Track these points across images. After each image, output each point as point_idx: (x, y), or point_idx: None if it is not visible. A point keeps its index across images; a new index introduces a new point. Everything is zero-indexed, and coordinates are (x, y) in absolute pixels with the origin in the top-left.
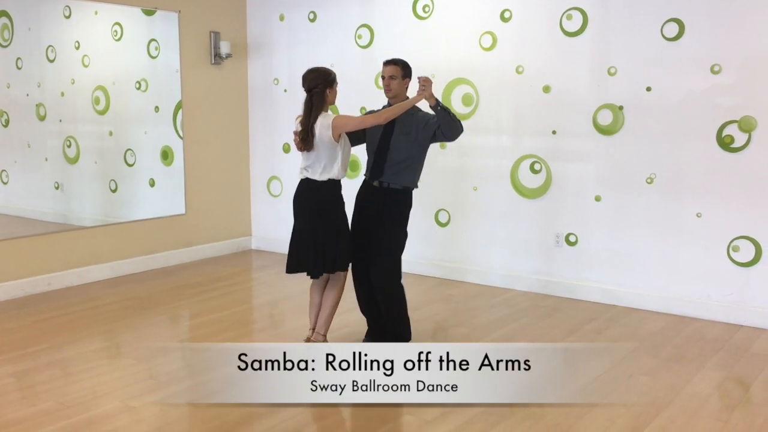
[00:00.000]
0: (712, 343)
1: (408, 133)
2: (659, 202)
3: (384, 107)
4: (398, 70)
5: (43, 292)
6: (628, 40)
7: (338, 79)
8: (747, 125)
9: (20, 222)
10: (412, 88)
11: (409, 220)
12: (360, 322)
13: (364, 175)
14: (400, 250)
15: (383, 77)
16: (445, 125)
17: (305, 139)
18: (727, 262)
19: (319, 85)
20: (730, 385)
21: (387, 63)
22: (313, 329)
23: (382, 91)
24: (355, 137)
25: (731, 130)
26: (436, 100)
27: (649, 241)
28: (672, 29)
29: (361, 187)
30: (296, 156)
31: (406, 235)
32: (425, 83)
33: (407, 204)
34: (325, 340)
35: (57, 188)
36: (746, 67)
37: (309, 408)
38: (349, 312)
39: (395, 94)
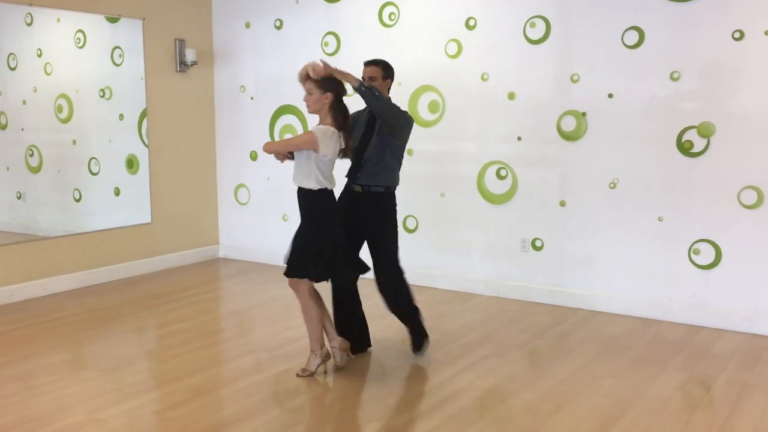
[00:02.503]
0: (675, 345)
1: (379, 134)
2: (622, 206)
3: (365, 110)
4: (379, 70)
5: (5, 303)
6: (590, 48)
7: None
8: (705, 131)
9: None
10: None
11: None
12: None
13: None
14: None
15: (363, 78)
16: (372, 106)
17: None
18: (689, 264)
19: None
20: (691, 385)
21: (367, 64)
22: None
23: (352, 98)
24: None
25: (690, 135)
26: (358, 80)
27: (612, 245)
28: (632, 37)
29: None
30: (262, 164)
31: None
32: (328, 70)
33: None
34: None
35: (19, 198)
36: (704, 73)
37: (279, 416)
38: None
39: None
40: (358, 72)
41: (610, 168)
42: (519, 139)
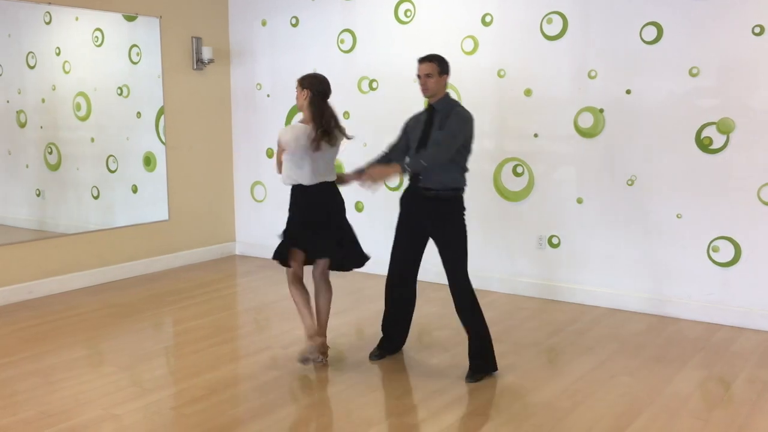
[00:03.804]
0: (693, 343)
1: (439, 131)
2: (640, 203)
3: (424, 111)
4: (434, 67)
5: (24, 300)
6: (607, 44)
7: None
8: (725, 127)
9: (1, 230)
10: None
11: (394, 224)
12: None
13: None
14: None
15: (419, 76)
16: (433, 166)
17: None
18: (707, 262)
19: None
20: (710, 384)
21: (422, 60)
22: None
23: (368, 95)
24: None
25: (710, 131)
26: (399, 167)
27: (630, 243)
28: (650, 33)
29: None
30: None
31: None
32: (371, 183)
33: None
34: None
35: (38, 195)
36: (724, 69)
37: (295, 413)
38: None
39: (433, 93)
40: (365, 67)
41: (627, 165)
42: (536, 135)
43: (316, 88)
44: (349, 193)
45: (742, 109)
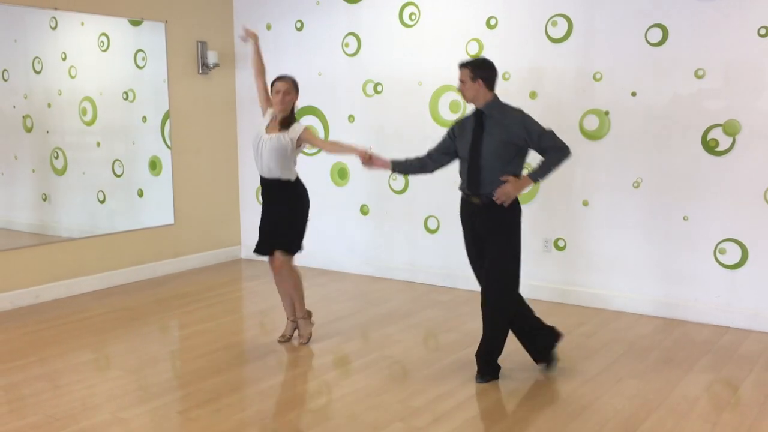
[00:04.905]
0: (701, 346)
1: (491, 135)
2: (646, 205)
3: (471, 116)
4: (466, 72)
5: (31, 304)
6: (612, 46)
7: (327, 86)
8: (731, 129)
9: (7, 234)
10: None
11: (400, 227)
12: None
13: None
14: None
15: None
16: (555, 169)
17: None
18: (714, 264)
19: None
20: (718, 387)
21: (459, 66)
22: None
23: (372, 98)
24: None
25: (716, 133)
26: (529, 180)
27: (636, 245)
28: (656, 35)
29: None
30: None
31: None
32: (504, 197)
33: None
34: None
35: (45, 200)
36: (729, 71)
37: (301, 416)
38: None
39: (471, 99)
40: (370, 70)
41: (633, 167)
42: None
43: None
44: (354, 197)
45: (748, 110)
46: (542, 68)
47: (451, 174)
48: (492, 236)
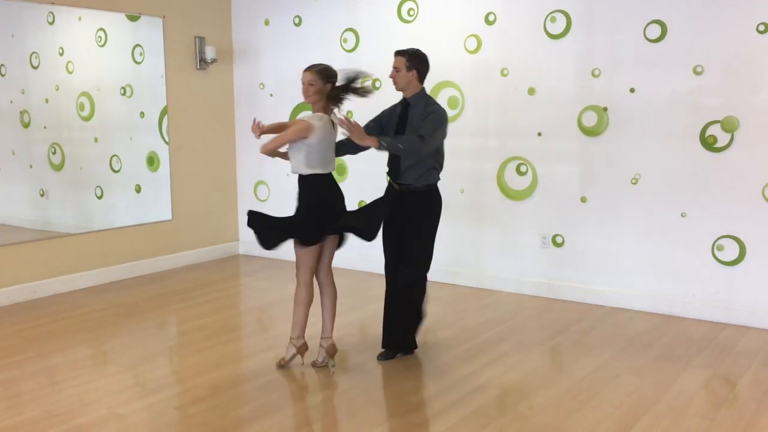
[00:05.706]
0: (698, 342)
1: (411, 125)
2: (644, 202)
3: (399, 104)
4: (402, 61)
5: (29, 300)
6: (611, 42)
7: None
8: (729, 125)
9: (5, 230)
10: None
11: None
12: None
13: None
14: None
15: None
16: (402, 153)
17: None
18: (712, 261)
19: None
20: (716, 383)
21: (396, 54)
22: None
23: (370, 94)
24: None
25: (714, 130)
26: (378, 141)
27: (634, 242)
28: (654, 31)
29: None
30: (281, 161)
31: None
32: (348, 128)
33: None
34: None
35: (42, 195)
36: (728, 67)
37: (299, 413)
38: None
39: (402, 87)
40: (368, 66)
41: (632, 163)
42: (539, 134)
43: (335, 82)
44: (352, 193)
45: (746, 107)
46: (541, 64)
47: (448, 169)
48: (412, 220)
